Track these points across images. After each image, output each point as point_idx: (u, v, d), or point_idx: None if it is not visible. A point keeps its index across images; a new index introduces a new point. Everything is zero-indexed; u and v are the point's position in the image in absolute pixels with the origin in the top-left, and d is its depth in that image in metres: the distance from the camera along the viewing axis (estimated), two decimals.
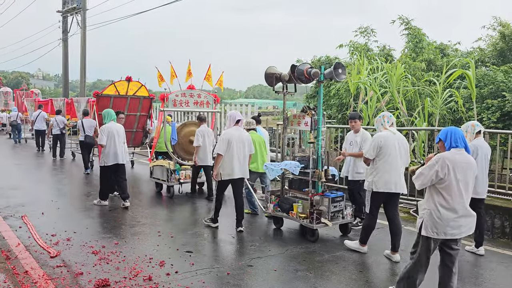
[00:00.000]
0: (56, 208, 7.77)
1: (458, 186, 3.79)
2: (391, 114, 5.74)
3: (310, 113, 6.41)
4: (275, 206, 6.81)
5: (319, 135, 6.29)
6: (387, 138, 5.38)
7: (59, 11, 26.36)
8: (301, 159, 6.55)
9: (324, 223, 6.09)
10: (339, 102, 14.93)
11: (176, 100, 9.40)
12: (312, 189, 6.29)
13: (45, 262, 5.02)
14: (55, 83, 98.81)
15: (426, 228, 3.88)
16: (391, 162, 5.36)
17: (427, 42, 16.71)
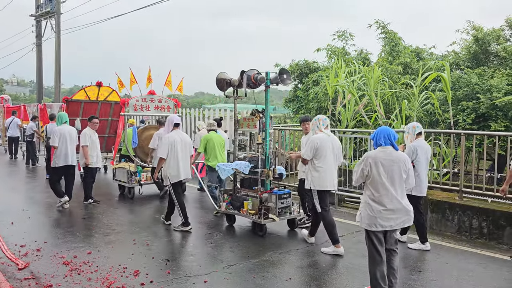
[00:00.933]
0: (27, 217, 7.47)
1: (382, 181, 4.09)
2: (325, 117, 6.08)
3: (258, 116, 6.84)
4: (227, 204, 7.09)
5: (267, 137, 6.63)
6: (323, 139, 5.77)
7: (33, 15, 25.75)
8: (251, 159, 6.87)
9: (271, 219, 6.38)
10: (318, 106, 14.96)
11: (136, 105, 9.57)
12: (261, 187, 6.62)
13: (12, 274, 4.77)
14: (30, 89, 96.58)
15: (361, 220, 4.21)
16: (326, 162, 5.76)
17: (403, 45, 16.95)
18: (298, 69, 17.98)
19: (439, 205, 6.94)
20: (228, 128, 12.58)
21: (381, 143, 4.21)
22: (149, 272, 4.89)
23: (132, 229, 6.79)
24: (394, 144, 4.20)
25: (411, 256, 5.66)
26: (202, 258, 5.47)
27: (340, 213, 8.09)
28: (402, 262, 5.41)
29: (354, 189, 8.59)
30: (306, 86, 16.66)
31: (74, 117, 12.03)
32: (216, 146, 8.12)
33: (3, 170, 13.95)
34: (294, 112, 18.04)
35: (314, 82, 15.99)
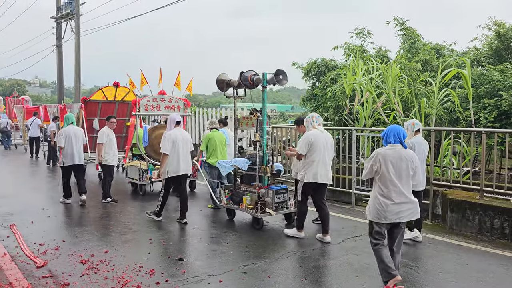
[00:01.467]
0: (47, 216, 7.60)
1: (391, 177, 4.35)
2: (318, 115, 6.51)
3: (256, 115, 7.16)
4: (227, 200, 7.43)
5: (264, 135, 7.00)
6: (316, 136, 6.12)
7: (53, 17, 26.21)
8: (250, 156, 7.20)
9: (268, 213, 6.72)
10: (336, 104, 14.80)
11: (147, 105, 9.89)
12: (259, 183, 6.93)
13: (30, 272, 4.85)
14: (52, 90, 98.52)
15: (369, 213, 4.49)
16: (319, 157, 6.09)
17: (423, 42, 16.63)
18: (315, 68, 17.82)
19: (460, 204, 6.78)
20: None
21: (390, 141, 4.44)
22: (165, 271, 4.91)
23: (148, 228, 6.83)
24: (403, 142, 4.43)
25: (430, 257, 5.54)
26: (217, 257, 5.46)
27: (357, 213, 7.99)
28: (420, 263, 5.31)
29: (372, 188, 8.46)
30: (323, 84, 16.51)
31: (92, 117, 12.29)
32: (217, 144, 8.36)
33: (25, 170, 14.24)
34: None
35: (332, 81, 15.83)
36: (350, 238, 6.32)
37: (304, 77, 18.36)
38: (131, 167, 10.17)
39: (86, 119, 12.25)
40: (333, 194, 9.13)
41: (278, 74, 6.95)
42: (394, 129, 4.48)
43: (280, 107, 70.98)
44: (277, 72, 6.95)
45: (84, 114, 12.22)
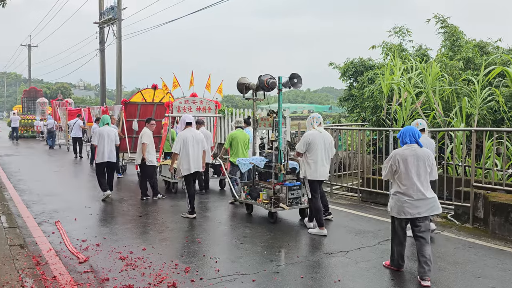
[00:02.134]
0: (89, 214, 7.92)
1: (410, 175, 4.67)
2: (319, 115, 6.96)
3: (272, 116, 7.67)
4: (246, 195, 7.88)
5: (280, 134, 7.41)
6: (314, 135, 6.59)
7: (96, 22, 27.20)
8: (267, 155, 7.65)
9: (281, 207, 7.15)
10: (373, 104, 14.55)
11: (180, 106, 10.31)
12: (274, 180, 7.33)
13: (73, 267, 5.08)
14: (96, 92, 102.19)
15: (391, 209, 4.87)
16: (317, 155, 6.54)
17: (465, 40, 16.05)
18: (353, 67, 17.58)
19: (503, 208, 6.52)
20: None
21: (406, 141, 4.77)
22: (199, 270, 5.01)
23: (185, 227, 6.98)
24: (418, 141, 4.75)
25: (470, 261, 5.36)
26: (251, 257, 5.52)
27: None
28: (459, 267, 5.15)
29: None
30: (361, 84, 16.26)
31: (132, 119, 12.74)
32: (240, 143, 8.93)
33: (69, 169, 14.86)
34: (349, 111, 17.68)
35: (370, 80, 15.56)
36: (386, 240, 6.21)
37: (341, 77, 18.15)
38: (164, 166, 10.55)
39: (126, 121, 12.75)
40: (370, 195, 9.00)
41: (292, 78, 7.30)
42: (409, 129, 4.81)
43: (317, 108, 70.44)
44: (292, 76, 7.30)
45: (124, 115, 12.71)
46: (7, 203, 8.52)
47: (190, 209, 7.59)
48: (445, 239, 6.34)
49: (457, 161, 9.48)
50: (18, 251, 5.45)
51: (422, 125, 6.56)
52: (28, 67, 53.09)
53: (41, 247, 5.82)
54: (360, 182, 9.27)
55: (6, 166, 14.49)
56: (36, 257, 5.32)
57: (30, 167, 14.64)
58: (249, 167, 7.81)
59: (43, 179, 11.93)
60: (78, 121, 17.96)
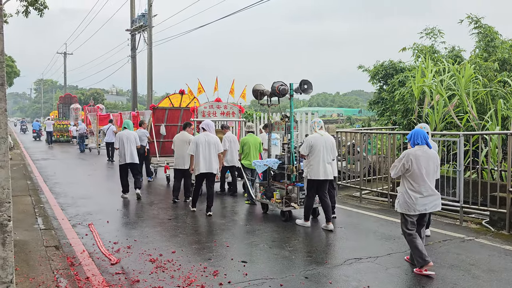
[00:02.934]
0: (121, 216, 8.11)
1: (421, 174, 5.04)
2: (320, 119, 7.48)
3: (284, 121, 8.09)
4: (262, 195, 8.35)
5: (292, 137, 7.84)
6: (316, 138, 7.11)
7: (128, 29, 27.89)
8: (281, 157, 8.04)
9: (292, 206, 7.61)
10: (404, 108, 14.27)
11: (204, 111, 10.50)
12: (286, 180, 7.74)
13: (105, 269, 5.21)
14: (127, 98, 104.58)
15: (399, 206, 5.20)
16: (319, 157, 7.03)
17: (501, 40, 15.55)
18: (382, 70, 17.31)
19: None
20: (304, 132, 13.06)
21: (418, 142, 5.12)
22: (227, 273, 5.04)
23: (213, 231, 7.05)
24: (428, 143, 5.15)
25: (506, 269, 5.17)
26: (279, 261, 5.51)
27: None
28: (494, 275, 4.97)
29: (443, 195, 8.06)
30: (391, 87, 15.99)
31: (160, 123, 13.18)
32: (251, 147, 9.33)
33: (101, 172, 15.24)
34: (379, 115, 17.41)
35: (400, 83, 15.28)
36: None
37: (370, 80, 17.92)
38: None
39: (154, 125, 13.21)
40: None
41: (303, 84, 7.77)
42: (420, 132, 5.19)
43: (346, 111, 69.77)
44: (302, 82, 7.77)
45: (153, 120, 13.18)
46: (43, 205, 8.83)
47: (192, 204, 8.51)
48: (480, 246, 6.14)
49: (492, 166, 9.18)
50: (53, 252, 5.64)
51: (426, 129, 6.77)
52: (64, 74, 54.95)
53: (75, 248, 6.00)
54: (390, 187, 9.10)
55: (43, 169, 15.02)
56: (70, 258, 5.49)
57: (64, 170, 15.12)
58: (264, 168, 8.19)
59: (77, 182, 12.29)
60: (112, 126, 18.54)
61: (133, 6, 27.53)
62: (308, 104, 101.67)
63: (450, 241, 6.38)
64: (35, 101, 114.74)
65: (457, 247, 6.07)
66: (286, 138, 8.07)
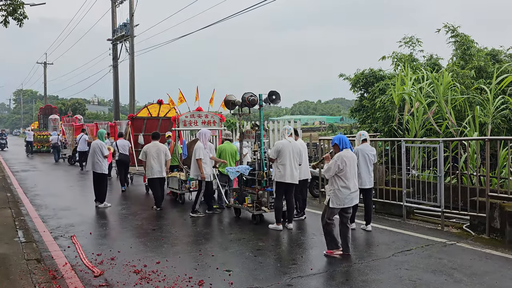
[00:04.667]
0: (104, 227, 8.00)
1: (350, 172, 5.94)
2: (290, 127, 7.97)
3: (254, 129, 8.59)
4: (234, 200, 8.76)
5: (262, 145, 8.30)
6: (284, 144, 7.62)
7: (109, 39, 27.70)
8: (252, 163, 8.47)
9: (263, 210, 8.08)
10: (385, 115, 14.51)
11: (186, 120, 10.73)
12: (257, 186, 8.17)
13: (88, 281, 5.13)
14: (109, 107, 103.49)
15: (332, 202, 5.94)
16: (286, 162, 7.51)
17: (477, 48, 15.97)
18: (363, 78, 17.59)
19: None
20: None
21: (346, 146, 5.99)
22: (213, 282, 5.02)
23: (198, 240, 7.01)
24: (351, 147, 6.10)
25: (487, 273, 5.28)
26: (264, 269, 5.51)
27: (408, 226, 7.77)
28: (476, 278, 5.07)
29: (424, 200, 8.21)
30: (372, 95, 16.25)
31: (138, 133, 13.41)
32: (227, 154, 9.52)
33: (83, 183, 14.99)
34: (361, 122, 17.64)
35: (381, 91, 15.54)
36: (400, 252, 6.16)
37: (352, 88, 18.17)
38: (171, 178, 10.83)
39: (133, 135, 13.46)
40: (383, 206, 8.94)
41: (271, 95, 8.29)
42: (345, 137, 6.07)
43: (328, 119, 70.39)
44: (271, 93, 8.29)
45: (131, 130, 13.47)
46: (24, 218, 8.66)
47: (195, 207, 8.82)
48: (461, 250, 6.26)
49: (471, 171, 9.38)
50: (35, 265, 5.53)
51: (364, 136, 7.61)
52: (44, 84, 54.10)
53: (57, 261, 5.89)
54: (373, 193, 9.20)
55: (23, 181, 14.72)
56: (52, 271, 5.39)
57: (45, 182, 14.83)
58: (236, 175, 8.52)
59: (58, 194, 12.08)
60: (84, 135, 18.92)
61: (115, 16, 27.40)
62: (291, 112, 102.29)
63: (432, 245, 6.48)
64: (14, 111, 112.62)
65: (439, 252, 6.17)
66: (256, 146, 8.47)
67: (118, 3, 26.98)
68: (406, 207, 8.34)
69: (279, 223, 7.60)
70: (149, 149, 9.76)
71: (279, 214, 7.63)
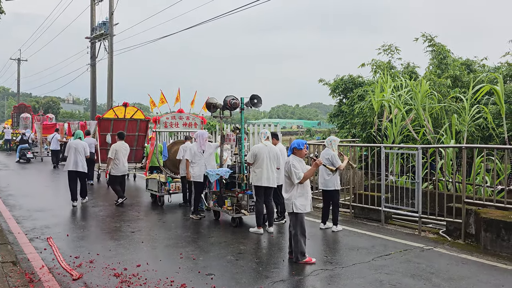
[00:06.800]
0: (81, 229, 7.84)
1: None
2: (267, 131, 8.14)
3: (235, 132, 8.65)
4: (214, 203, 8.69)
5: (242, 148, 8.40)
6: (260, 148, 7.71)
7: (88, 37, 27.25)
8: (232, 166, 8.53)
9: (242, 213, 8.09)
10: (363, 121, 14.74)
11: (167, 122, 10.78)
12: (237, 189, 8.22)
13: (67, 285, 5.02)
14: (85, 106, 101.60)
15: (298, 209, 5.96)
16: (263, 165, 7.59)
17: (452, 58, 16.42)
18: (342, 84, 17.83)
19: (494, 224, 6.61)
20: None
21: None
22: (195, 286, 4.99)
23: (178, 243, 6.94)
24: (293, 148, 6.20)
25: (463, 278, 5.41)
26: (247, 273, 5.50)
27: (387, 231, 7.89)
28: (453, 283, 5.19)
29: (402, 205, 8.37)
30: (351, 101, 16.48)
31: (105, 133, 14.19)
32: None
33: (57, 183, 14.66)
34: (339, 127, 17.86)
35: (359, 97, 15.79)
36: (380, 256, 6.25)
37: (331, 94, 18.38)
38: (151, 180, 10.71)
39: (100, 135, 14.42)
40: (362, 211, 9.05)
41: (253, 99, 8.37)
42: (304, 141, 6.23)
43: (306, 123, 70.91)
44: (252, 97, 8.37)
45: (98, 130, 14.39)
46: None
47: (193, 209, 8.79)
48: (438, 255, 6.39)
49: (447, 177, 9.61)
50: (10, 268, 5.37)
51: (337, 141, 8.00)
52: (17, 81, 52.80)
53: (33, 264, 5.75)
54: (352, 198, 9.33)
55: None
56: (29, 274, 5.25)
57: (18, 181, 14.43)
58: (216, 177, 8.44)
59: (32, 194, 11.77)
60: (56, 135, 19.41)
61: (94, 14, 26.98)
62: (269, 115, 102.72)
63: (411, 250, 6.60)
64: None
65: (417, 256, 6.29)
66: (237, 149, 8.53)
67: (98, 1, 26.56)
68: (385, 212, 8.47)
69: (260, 227, 7.62)
70: (119, 147, 10.24)
71: (259, 217, 7.65)
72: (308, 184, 6.12)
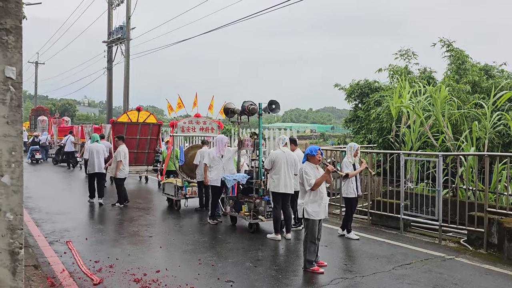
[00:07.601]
0: (100, 233, 7.89)
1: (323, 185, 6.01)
2: (285, 137, 8.20)
3: (253, 138, 8.57)
4: (231, 208, 8.67)
5: (260, 154, 8.38)
6: (278, 154, 7.66)
7: (105, 41, 27.53)
8: (249, 172, 8.49)
9: (260, 219, 8.03)
10: (380, 126, 14.58)
11: (184, 126, 10.86)
12: (254, 194, 8.19)
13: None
14: (100, 109, 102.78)
15: (310, 215, 5.87)
16: (280, 171, 7.52)
17: (471, 63, 16.18)
18: (358, 89, 17.70)
19: None
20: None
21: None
22: None
23: (196, 249, 6.94)
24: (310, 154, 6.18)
25: (479, 285, 5.31)
26: (266, 281, 5.47)
27: (406, 239, 7.79)
28: None
29: (421, 213, 8.25)
30: (367, 106, 16.34)
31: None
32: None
33: (75, 185, 14.81)
34: (355, 133, 17.73)
35: (376, 102, 15.65)
36: (400, 265, 6.17)
37: (346, 99, 18.26)
38: (167, 184, 10.81)
39: (114, 138, 14.39)
40: (380, 218, 8.95)
41: (271, 104, 8.34)
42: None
43: (319, 127, 70.73)
44: (270, 102, 8.34)
45: (112, 133, 14.65)
46: None
47: (210, 214, 8.82)
48: (460, 265, 6.28)
49: (468, 185, 9.45)
50: (32, 272, 5.43)
51: (356, 146, 7.94)
52: (35, 84, 53.64)
53: (54, 267, 5.79)
54: (370, 205, 9.23)
55: None
56: (50, 278, 5.29)
57: (37, 183, 14.61)
58: (233, 183, 8.49)
59: (51, 196, 11.89)
60: (70, 137, 19.97)
61: (111, 18, 27.25)
62: (282, 119, 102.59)
63: (432, 260, 6.50)
64: None
65: (439, 266, 6.19)
66: (254, 154, 8.51)
67: (115, 6, 26.84)
68: (403, 220, 8.35)
69: (278, 233, 7.58)
70: (126, 150, 10.69)
71: (277, 224, 7.60)
72: (323, 190, 6.01)
